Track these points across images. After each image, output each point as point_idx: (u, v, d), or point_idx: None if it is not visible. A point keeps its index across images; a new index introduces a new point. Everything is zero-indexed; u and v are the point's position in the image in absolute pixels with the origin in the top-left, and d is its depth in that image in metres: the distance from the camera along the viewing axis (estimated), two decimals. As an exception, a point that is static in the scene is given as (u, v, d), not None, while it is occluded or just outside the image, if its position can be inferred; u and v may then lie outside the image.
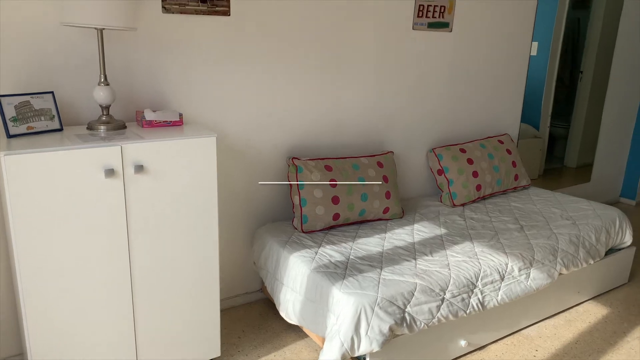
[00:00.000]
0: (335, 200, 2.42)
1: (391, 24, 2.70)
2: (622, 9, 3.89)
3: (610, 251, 2.76)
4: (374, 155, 2.70)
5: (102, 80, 1.79)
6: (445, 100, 3.07)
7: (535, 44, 3.60)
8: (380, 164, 2.66)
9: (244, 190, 2.46)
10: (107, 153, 1.59)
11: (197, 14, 2.11)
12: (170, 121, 1.93)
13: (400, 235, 2.42)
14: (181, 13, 2.07)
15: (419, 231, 2.49)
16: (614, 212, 2.80)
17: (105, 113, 1.83)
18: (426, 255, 2.21)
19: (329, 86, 2.59)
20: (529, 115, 3.83)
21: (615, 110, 4.20)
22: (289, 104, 2.48)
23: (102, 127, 1.79)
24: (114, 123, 1.83)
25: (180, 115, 1.96)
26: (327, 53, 2.53)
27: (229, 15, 2.20)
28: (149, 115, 1.89)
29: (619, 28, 3.94)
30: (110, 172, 1.59)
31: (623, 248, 2.81)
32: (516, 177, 3.17)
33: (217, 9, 2.16)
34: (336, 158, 2.55)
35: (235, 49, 2.26)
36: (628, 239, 2.78)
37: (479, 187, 2.97)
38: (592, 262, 2.55)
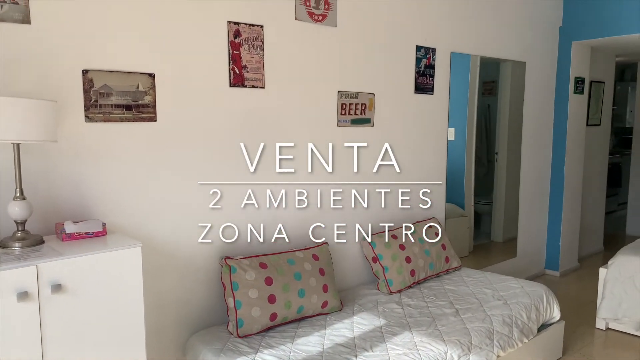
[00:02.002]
0: (272, 299, 2.36)
1: (318, 121, 2.82)
2: (524, 94, 4.31)
3: (541, 327, 2.84)
4: (308, 248, 2.70)
5: (18, 194, 1.71)
6: (372, 189, 3.18)
7: (452, 130, 3.86)
8: (315, 257, 2.65)
9: (175, 297, 2.36)
10: (21, 274, 1.48)
11: (122, 121, 2.11)
12: (93, 232, 1.85)
13: (340, 331, 2.38)
14: (105, 122, 2.06)
15: (359, 324, 2.46)
16: (541, 289, 2.92)
17: (20, 229, 1.73)
18: (367, 350, 2.17)
19: (262, 184, 2.61)
20: (454, 195, 4.02)
21: (530, 186, 4.51)
22: (219, 203, 2.47)
23: (16, 244, 1.69)
24: (30, 239, 1.73)
25: (104, 225, 1.89)
26: (254, 151, 2.58)
27: (156, 121, 2.21)
28: (69, 228, 1.80)
29: (523, 111, 4.33)
30: (23, 296, 1.48)
31: (553, 323, 2.91)
32: (447, 260, 3.26)
33: (143, 115, 2.17)
34: (271, 254, 2.53)
35: (162, 154, 2.25)
36: (556, 314, 2.89)
37: (413, 272, 3.02)
38: (526, 340, 2.61)
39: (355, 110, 3.00)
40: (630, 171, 6.25)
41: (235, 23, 2.41)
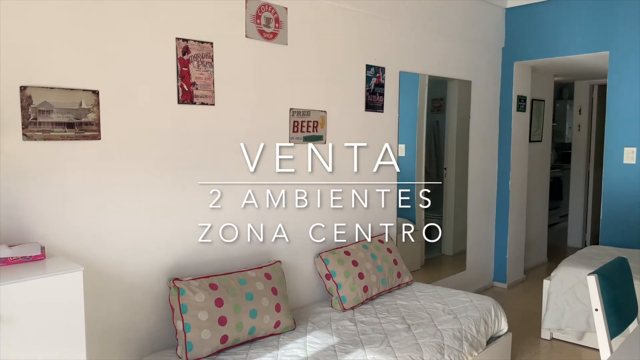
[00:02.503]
0: (223, 321, 2.30)
1: (270, 138, 2.81)
2: (470, 112, 4.46)
3: (490, 340, 2.91)
4: (261, 267, 2.66)
5: (-54, 218, 1.61)
6: (326, 206, 3.18)
7: (402, 146, 3.93)
8: (268, 276, 2.62)
9: (121, 322, 2.26)
10: (-52, 305, 1.38)
11: (63, 139, 2.02)
12: (30, 256, 1.75)
13: (293, 351, 2.35)
14: (45, 140, 1.98)
15: (312, 343, 2.44)
16: (489, 302, 3.00)
17: (-52, 255, 1.62)
18: (319, 370, 2.15)
19: (209, 202, 2.57)
20: (405, 210, 4.08)
21: (478, 200, 4.65)
22: (167, 223, 2.41)
23: (-57, 271, 1.58)
24: (-40, 266, 1.62)
25: (42, 248, 1.80)
26: (206, 171, 2.54)
27: (100, 139, 2.14)
28: (4, 252, 1.70)
29: (470, 128, 4.48)
30: (-50, 328, 1.38)
31: (501, 335, 2.98)
32: (399, 275, 3.30)
33: (86, 133, 2.09)
34: (222, 274, 2.48)
35: (107, 173, 2.18)
36: (504, 326, 2.97)
37: (365, 289, 3.03)
38: (476, 354, 2.66)
39: (307, 128, 3.01)
40: (570, 185, 6.56)
41: (183, 40, 2.38)
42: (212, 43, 2.49)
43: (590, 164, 6.41)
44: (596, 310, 1.85)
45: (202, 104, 2.48)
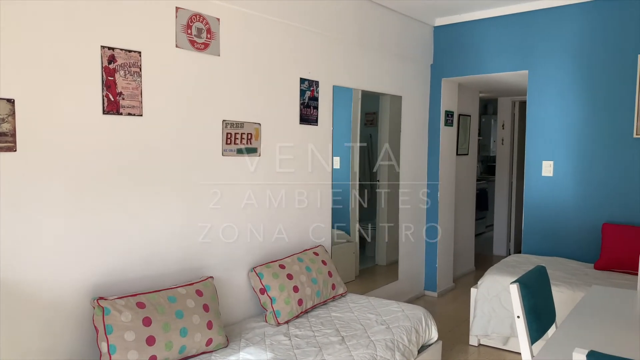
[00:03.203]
0: (151, 340, 2.20)
1: (202, 150, 2.75)
2: (401, 126, 4.59)
3: (421, 348, 2.98)
4: (192, 284, 2.58)
5: None
6: (262, 219, 3.15)
7: (337, 159, 3.98)
8: (199, 292, 2.54)
9: (39, 346, 2.11)
10: None
11: (-28, 151, 1.87)
12: None
13: (225, 369, 2.28)
14: (-49, 151, 1.82)
15: (245, 360, 2.39)
16: (420, 312, 3.07)
17: None
18: (252, 388, 2.10)
19: (135, 214, 2.46)
20: (340, 222, 4.12)
21: (408, 211, 4.78)
22: (90, 239, 2.28)
23: None
24: None
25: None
26: (133, 184, 2.44)
27: (15, 150, 2.00)
28: None
29: (401, 142, 4.61)
30: None
31: (431, 344, 3.06)
32: (333, 287, 3.32)
33: (0, 145, 1.95)
34: (149, 292, 2.37)
35: (24, 186, 2.03)
36: (434, 335, 3.05)
37: (300, 302, 3.01)
38: (408, 363, 2.71)
39: (241, 140, 2.97)
40: (495, 196, 6.90)
41: (109, 48, 2.28)
42: (140, 52, 2.40)
43: (513, 176, 6.79)
44: (518, 317, 1.94)
45: (129, 114, 2.39)
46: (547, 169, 4.21)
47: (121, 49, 2.33)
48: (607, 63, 3.88)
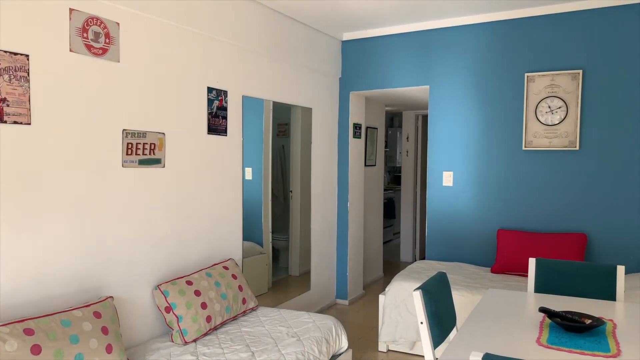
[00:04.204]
0: (39, 370, 2.01)
1: (100, 161, 2.58)
2: (312, 137, 4.64)
3: (332, 358, 3.00)
4: (89, 305, 2.39)
5: None
6: (167, 233, 3.02)
7: (249, 170, 3.92)
8: (97, 314, 2.37)
9: None
10: None
11: None
12: None
13: (126, 395, 2.13)
14: None
15: (148, 384, 2.25)
16: (330, 321, 3.10)
17: None
18: (156, 413, 1.98)
19: (24, 230, 2.25)
20: (252, 233, 4.07)
21: (320, 221, 4.83)
22: (-32, 261, 2.04)
23: None
24: None
25: None
26: (20, 199, 2.22)
27: None
28: None
29: (312, 153, 4.66)
30: None
31: (342, 353, 3.09)
32: (244, 301, 3.25)
33: None
34: (41, 316, 2.17)
35: None
36: (344, 344, 3.08)
37: (209, 319, 2.91)
38: (319, 374, 2.71)
39: (143, 150, 2.83)
40: (401, 205, 7.19)
41: (-9, 49, 2.08)
42: (27, 55, 2.21)
43: (417, 186, 7.11)
44: (421, 323, 2.01)
45: (15, 122, 2.18)
46: (448, 179, 4.46)
47: (5, 51, 2.12)
48: (499, 80, 4.20)
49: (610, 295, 2.53)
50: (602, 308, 2.34)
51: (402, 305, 3.63)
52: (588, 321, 2.00)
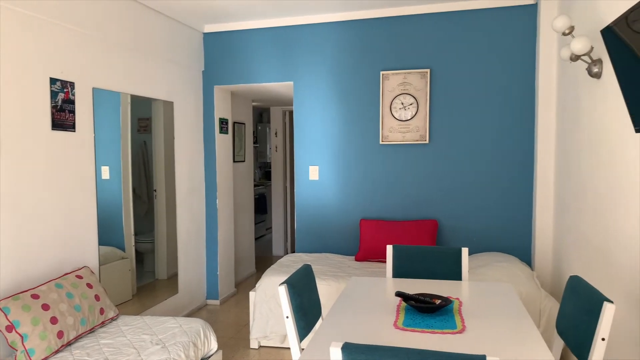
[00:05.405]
0: None
1: None
2: (175, 133, 4.44)
3: (202, 361, 2.91)
4: None
5: None
6: (6, 243, 2.66)
7: (106, 168, 3.63)
8: None
9: None
10: None
11: None
12: None
13: None
14: None
15: (-17, 417, 1.97)
16: (198, 324, 2.99)
17: None
18: None
19: None
20: (112, 237, 3.78)
21: (187, 221, 4.65)
22: None
23: None
24: None
25: None
26: None
27: None
28: None
29: (175, 149, 4.45)
30: None
31: (211, 355, 3.01)
32: (102, 311, 3.00)
33: None
34: None
35: None
36: (214, 346, 3.00)
37: (60, 334, 2.64)
38: (187, 380, 2.60)
39: None
40: (272, 200, 7.23)
41: None
42: None
43: (287, 181, 7.20)
44: (287, 317, 2.02)
45: None
46: (314, 173, 4.57)
47: None
48: (358, 78, 4.40)
49: (458, 275, 2.79)
50: (450, 288, 2.57)
51: (272, 300, 3.64)
52: (438, 301, 2.18)
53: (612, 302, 1.76)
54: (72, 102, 3.15)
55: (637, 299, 2.25)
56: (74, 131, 3.18)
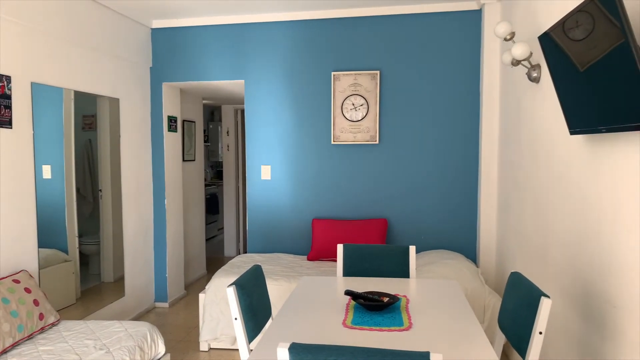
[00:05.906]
0: None
1: None
2: (120, 131, 4.30)
3: (148, 366, 2.83)
4: None
5: None
6: None
7: (48, 167, 3.47)
8: None
9: None
10: None
11: None
12: None
13: None
14: None
15: None
16: (145, 328, 2.91)
17: None
18: None
19: None
20: (55, 239, 3.62)
21: (134, 222, 4.52)
22: None
23: None
24: None
25: None
26: None
27: None
28: None
29: (121, 147, 4.31)
30: None
31: (160, 359, 2.94)
32: (41, 316, 2.87)
33: None
34: None
35: None
36: (162, 349, 2.93)
37: (-5, 342, 2.50)
38: (132, 385, 2.53)
39: None
40: (224, 200, 7.13)
41: None
42: None
43: (239, 180, 7.12)
44: (235, 319, 2.00)
45: None
46: (266, 173, 4.54)
47: None
48: (310, 78, 4.41)
49: (406, 273, 2.85)
50: (398, 285, 2.61)
51: (222, 302, 3.59)
52: (386, 299, 2.21)
53: (548, 296, 1.84)
54: (9, 97, 2.99)
55: (570, 293, 2.37)
56: (11, 128, 3.02)
